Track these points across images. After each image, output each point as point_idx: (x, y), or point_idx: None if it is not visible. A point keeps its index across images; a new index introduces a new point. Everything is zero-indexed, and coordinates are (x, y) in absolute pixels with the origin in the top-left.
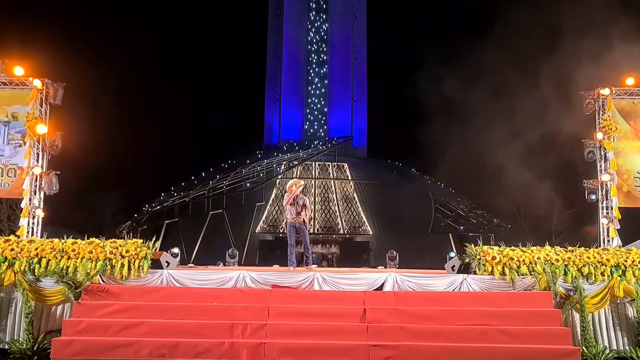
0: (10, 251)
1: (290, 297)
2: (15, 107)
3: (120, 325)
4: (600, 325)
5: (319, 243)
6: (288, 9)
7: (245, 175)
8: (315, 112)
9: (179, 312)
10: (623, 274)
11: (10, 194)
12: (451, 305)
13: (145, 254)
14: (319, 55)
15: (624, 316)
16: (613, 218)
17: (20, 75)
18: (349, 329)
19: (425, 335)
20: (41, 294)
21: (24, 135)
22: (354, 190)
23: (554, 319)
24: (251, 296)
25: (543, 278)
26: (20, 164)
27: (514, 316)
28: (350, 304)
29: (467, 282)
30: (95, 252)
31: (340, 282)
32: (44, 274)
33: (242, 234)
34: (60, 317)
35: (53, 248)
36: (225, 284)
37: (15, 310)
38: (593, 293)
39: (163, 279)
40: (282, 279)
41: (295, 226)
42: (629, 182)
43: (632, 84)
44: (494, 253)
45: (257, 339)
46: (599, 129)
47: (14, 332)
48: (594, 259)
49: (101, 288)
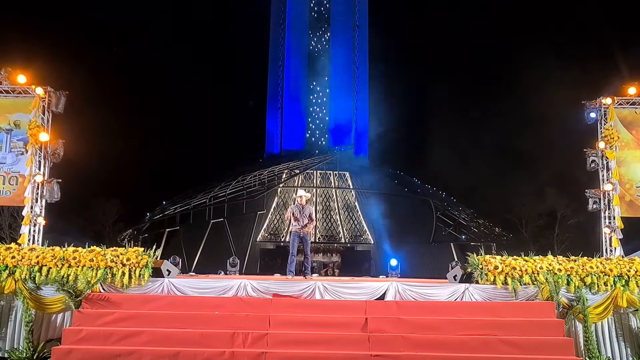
0: (11, 259)
1: (292, 306)
2: (18, 115)
3: (120, 334)
4: (604, 336)
5: (321, 252)
6: (290, 18)
7: (247, 184)
8: (317, 121)
9: (179, 321)
10: (626, 284)
11: (12, 201)
12: (453, 315)
13: (146, 263)
14: (321, 64)
15: (627, 327)
16: (615, 227)
17: (22, 84)
18: (350, 339)
19: (427, 345)
20: (41, 302)
21: (26, 143)
22: (355, 199)
23: (557, 329)
24: (252, 305)
25: (546, 288)
26: (22, 172)
27: (516, 326)
28: (352, 313)
29: (469, 291)
30: (96, 261)
31: (341, 292)
32: (45, 282)
33: (243, 243)
34: (60, 326)
35: (54, 256)
36: (227, 293)
37: (15, 318)
38: (596, 303)
39: (164, 288)
40: (284, 288)
41: (299, 235)
42: (631, 191)
43: (634, 93)
44: (497, 262)
45: (258, 348)
46: (601, 138)
47: (13, 341)
48: (597, 269)
49: (102, 296)
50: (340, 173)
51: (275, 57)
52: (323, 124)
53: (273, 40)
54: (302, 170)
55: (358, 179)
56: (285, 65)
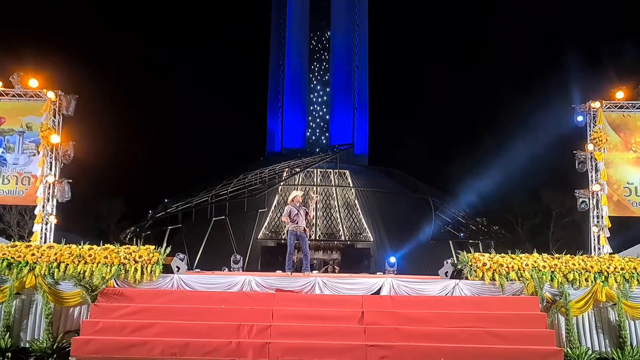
0: (31, 256)
1: (293, 300)
2: (30, 117)
3: (134, 325)
4: (584, 328)
5: (321, 249)
6: (290, 17)
7: (248, 182)
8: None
9: (189, 314)
10: (606, 280)
11: (24, 201)
12: (444, 309)
13: (157, 260)
14: (321, 63)
15: (606, 319)
16: (603, 226)
17: (34, 87)
18: (347, 331)
19: (419, 336)
20: (60, 296)
21: (38, 144)
22: (355, 197)
23: (540, 322)
24: (256, 299)
25: (531, 283)
26: (34, 172)
27: (502, 319)
28: (349, 307)
29: (459, 287)
30: (110, 258)
31: (339, 287)
32: (63, 278)
33: (244, 240)
34: (77, 318)
35: (71, 253)
36: (232, 288)
37: (35, 311)
38: (577, 298)
39: (174, 283)
40: (286, 284)
41: (296, 234)
42: (619, 191)
43: (622, 97)
44: (485, 260)
45: (262, 339)
46: (590, 140)
47: (34, 332)
48: (579, 266)
49: (116, 291)
50: (340, 171)
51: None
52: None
53: (273, 38)
54: (303, 168)
55: (358, 177)
56: (285, 63)
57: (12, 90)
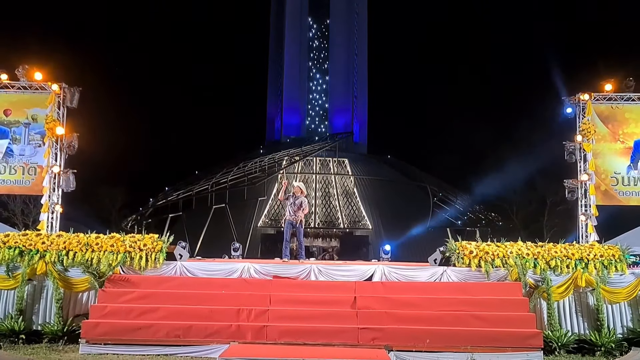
0: (42, 244)
1: (290, 286)
2: (35, 109)
3: (140, 310)
4: (565, 312)
5: (320, 237)
6: (289, 7)
7: (248, 171)
8: (316, 108)
9: (191, 299)
10: (586, 267)
11: (30, 190)
12: (432, 294)
13: (160, 248)
14: (320, 51)
15: (585, 304)
16: (591, 215)
17: (39, 80)
18: (341, 314)
19: (408, 319)
20: (69, 282)
21: (43, 136)
22: (354, 186)
23: (522, 306)
24: (255, 285)
25: (514, 270)
26: (39, 163)
27: (487, 304)
28: (343, 292)
29: (447, 273)
30: (116, 246)
31: (334, 274)
32: (71, 265)
33: (244, 228)
34: (86, 303)
35: (79, 242)
36: (232, 275)
37: (46, 296)
38: (559, 283)
39: (177, 270)
40: (283, 271)
41: (292, 223)
42: (607, 181)
43: (611, 89)
44: (472, 248)
45: (260, 322)
46: (579, 131)
47: (45, 316)
48: (561, 253)
49: (122, 277)
50: (340, 160)
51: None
52: (323, 110)
53: (273, 27)
54: (302, 157)
55: (357, 166)
56: (285, 52)
57: (18, 83)
